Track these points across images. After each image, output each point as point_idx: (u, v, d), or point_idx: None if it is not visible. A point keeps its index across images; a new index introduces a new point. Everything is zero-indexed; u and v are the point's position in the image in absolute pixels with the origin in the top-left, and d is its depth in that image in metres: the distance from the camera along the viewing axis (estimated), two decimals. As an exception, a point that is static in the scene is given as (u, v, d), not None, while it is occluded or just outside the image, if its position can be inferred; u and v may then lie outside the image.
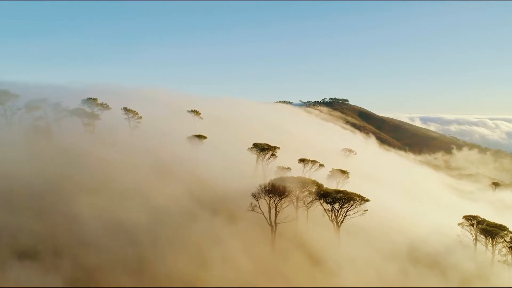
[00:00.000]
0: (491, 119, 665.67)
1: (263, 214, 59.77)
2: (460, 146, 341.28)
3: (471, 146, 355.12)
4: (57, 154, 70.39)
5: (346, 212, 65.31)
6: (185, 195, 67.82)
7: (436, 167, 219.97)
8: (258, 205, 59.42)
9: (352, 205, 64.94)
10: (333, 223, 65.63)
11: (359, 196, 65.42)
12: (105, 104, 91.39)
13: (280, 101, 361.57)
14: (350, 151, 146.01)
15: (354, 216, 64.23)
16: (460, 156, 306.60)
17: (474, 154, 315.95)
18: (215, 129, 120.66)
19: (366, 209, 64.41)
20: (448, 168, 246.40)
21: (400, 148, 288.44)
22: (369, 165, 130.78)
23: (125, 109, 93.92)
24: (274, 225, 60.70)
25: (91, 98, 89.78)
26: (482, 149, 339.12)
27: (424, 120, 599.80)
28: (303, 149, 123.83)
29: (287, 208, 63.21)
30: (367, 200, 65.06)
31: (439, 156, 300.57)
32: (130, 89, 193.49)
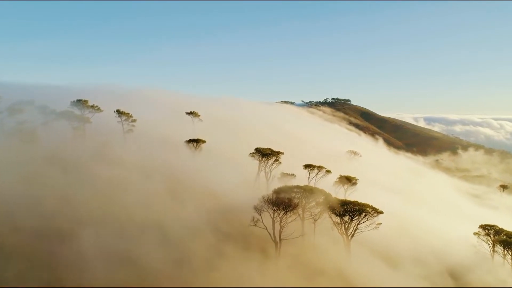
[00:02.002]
0: (495, 119, 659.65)
1: (266, 229, 53.86)
2: (463, 147, 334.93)
3: (476, 146, 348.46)
4: (40, 163, 63.47)
5: (357, 225, 59.81)
6: (190, 213, 60.74)
7: (442, 169, 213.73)
8: (261, 219, 53.51)
9: (364, 217, 59.43)
10: (343, 236, 60.07)
11: (372, 207, 59.66)
12: (97, 106, 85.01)
13: (281, 101, 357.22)
14: (355, 153, 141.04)
15: (366, 230, 58.67)
16: (465, 157, 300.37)
17: (479, 155, 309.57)
18: (215, 131, 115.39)
19: (379, 222, 58.81)
20: (454, 170, 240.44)
21: (406, 150, 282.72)
22: (377, 170, 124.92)
23: (118, 111, 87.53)
24: (279, 241, 54.80)
25: (81, 100, 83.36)
26: (487, 150, 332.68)
27: (428, 120, 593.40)
28: (307, 152, 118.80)
29: (291, 220, 57.35)
30: (381, 212, 59.31)
31: (444, 157, 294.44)
32: (129, 90, 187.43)
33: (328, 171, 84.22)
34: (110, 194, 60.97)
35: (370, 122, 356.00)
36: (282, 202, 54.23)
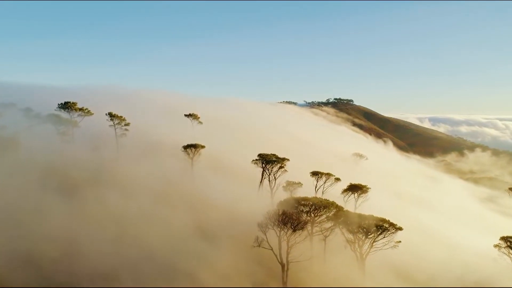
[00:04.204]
0: (500, 119, 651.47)
1: (272, 250, 47.33)
2: (468, 147, 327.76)
3: (481, 147, 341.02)
4: (21, 178, 55.10)
5: (372, 243, 53.40)
6: (215, 250, 51.80)
7: (452, 171, 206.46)
8: (265, 239, 46.97)
9: (380, 234, 53.02)
10: (356, 254, 53.66)
11: (390, 223, 53.26)
12: (86, 109, 78.15)
13: (283, 102, 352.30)
14: (361, 156, 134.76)
15: (383, 248, 52.26)
16: (471, 158, 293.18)
17: (485, 156, 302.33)
18: (216, 134, 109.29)
19: (399, 240, 52.36)
20: (466, 172, 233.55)
21: (409, 151, 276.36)
22: (387, 175, 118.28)
23: (110, 114, 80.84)
24: (286, 263, 48.23)
25: (68, 102, 76.66)
26: (494, 151, 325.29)
27: (433, 121, 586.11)
28: (314, 156, 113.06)
29: (300, 237, 50.65)
30: (399, 229, 52.91)
31: (449, 158, 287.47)
32: (126, 91, 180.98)
33: (337, 179, 77.94)
34: (122, 228, 50.52)
35: (373, 123, 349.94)
36: (290, 219, 47.64)
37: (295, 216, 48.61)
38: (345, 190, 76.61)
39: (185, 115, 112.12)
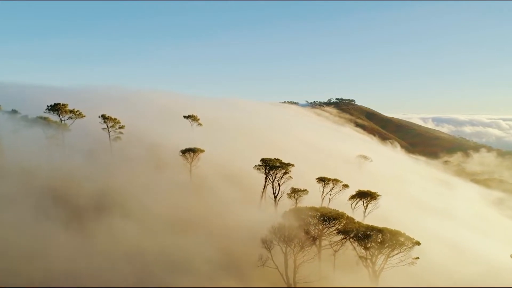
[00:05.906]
0: (503, 119, 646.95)
1: (277, 269, 42.59)
2: (471, 148, 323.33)
3: (486, 148, 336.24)
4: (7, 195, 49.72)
5: (386, 259, 48.66)
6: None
7: (459, 173, 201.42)
8: (270, 257, 42.23)
9: (395, 249, 48.28)
10: (368, 270, 48.94)
11: (406, 236, 48.48)
12: (77, 111, 72.97)
13: (285, 102, 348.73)
14: (366, 158, 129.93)
15: (399, 265, 47.54)
16: (476, 159, 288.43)
17: (490, 156, 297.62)
18: (216, 136, 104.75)
19: (416, 256, 47.61)
20: (466, 172, 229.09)
21: (417, 152, 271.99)
22: (396, 178, 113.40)
23: (103, 116, 76.10)
24: (293, 283, 43.47)
25: (58, 104, 71.83)
26: (499, 152, 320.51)
27: (437, 121, 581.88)
28: (319, 159, 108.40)
29: (308, 255, 45.81)
30: (417, 243, 48.13)
31: (454, 159, 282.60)
32: (124, 92, 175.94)
33: (345, 185, 73.16)
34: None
35: (375, 123, 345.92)
36: (297, 235, 42.85)
37: (303, 231, 43.88)
38: (353, 197, 71.90)
39: (184, 117, 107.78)
